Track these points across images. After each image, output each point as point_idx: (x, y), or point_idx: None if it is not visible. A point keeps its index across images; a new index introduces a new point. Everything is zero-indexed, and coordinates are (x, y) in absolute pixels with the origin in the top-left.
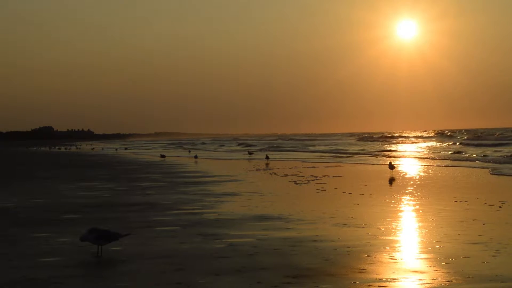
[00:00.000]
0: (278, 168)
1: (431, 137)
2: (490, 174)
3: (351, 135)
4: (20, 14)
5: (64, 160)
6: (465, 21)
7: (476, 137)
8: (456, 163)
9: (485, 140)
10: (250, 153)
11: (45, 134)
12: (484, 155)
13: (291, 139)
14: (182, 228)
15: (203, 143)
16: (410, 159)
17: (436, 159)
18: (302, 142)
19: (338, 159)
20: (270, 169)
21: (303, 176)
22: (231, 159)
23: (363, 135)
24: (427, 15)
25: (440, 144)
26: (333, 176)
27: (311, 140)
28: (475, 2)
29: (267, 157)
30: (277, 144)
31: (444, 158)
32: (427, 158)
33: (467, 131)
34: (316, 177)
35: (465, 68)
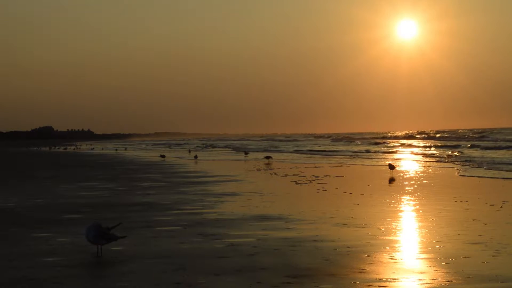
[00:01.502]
0: (279, 168)
1: (409, 137)
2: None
3: (331, 135)
4: (20, 14)
5: (64, 160)
6: (465, 21)
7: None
8: (448, 164)
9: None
10: (246, 153)
11: (45, 134)
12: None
13: (271, 139)
14: (182, 228)
15: (178, 144)
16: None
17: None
18: (279, 143)
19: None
20: (270, 169)
21: (304, 176)
22: (233, 160)
23: (338, 136)
24: (427, 15)
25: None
26: (335, 176)
27: (290, 141)
28: (475, 2)
29: (267, 157)
30: (240, 144)
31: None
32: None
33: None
34: (317, 177)
35: (465, 68)
